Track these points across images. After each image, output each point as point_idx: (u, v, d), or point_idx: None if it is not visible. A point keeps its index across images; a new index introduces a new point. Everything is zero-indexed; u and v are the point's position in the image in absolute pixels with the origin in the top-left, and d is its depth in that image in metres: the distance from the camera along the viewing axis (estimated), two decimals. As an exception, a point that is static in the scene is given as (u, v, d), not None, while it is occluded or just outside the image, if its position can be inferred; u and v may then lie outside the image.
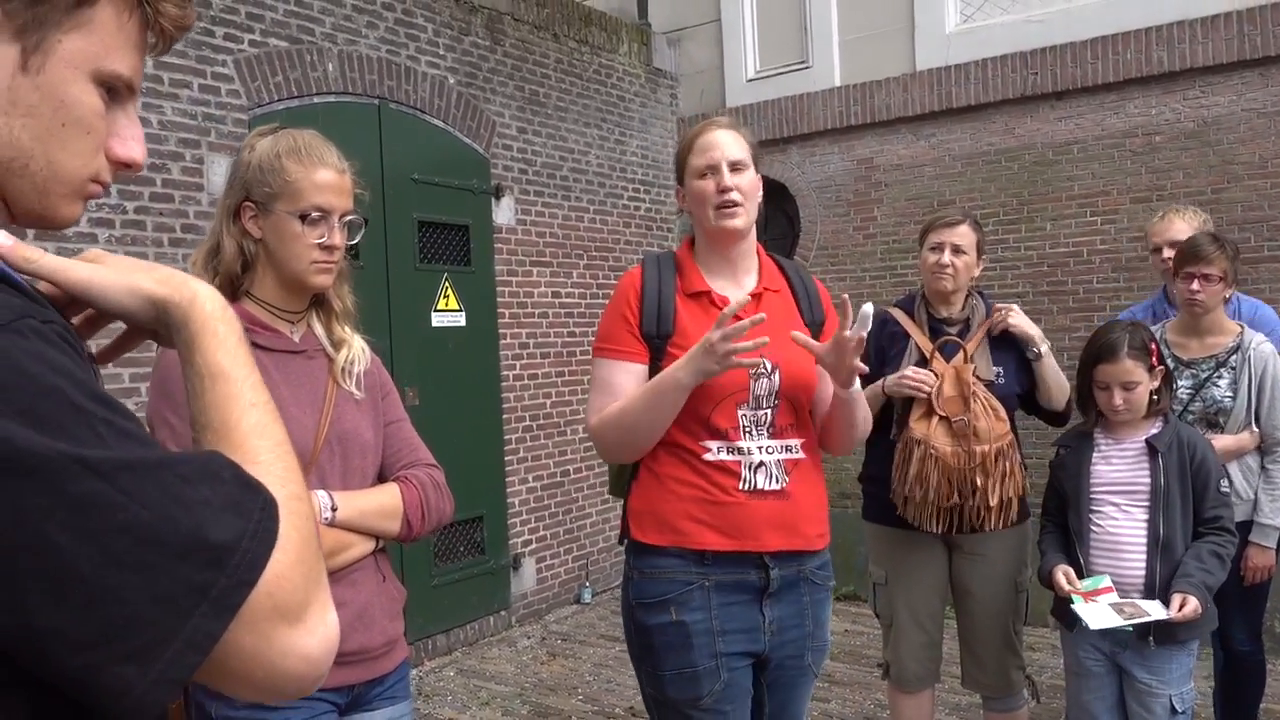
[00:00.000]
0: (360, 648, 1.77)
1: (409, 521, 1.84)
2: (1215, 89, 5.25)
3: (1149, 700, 2.70)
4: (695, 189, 2.21)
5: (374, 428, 1.88)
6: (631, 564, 2.22)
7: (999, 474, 2.93)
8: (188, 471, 0.70)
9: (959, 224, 3.12)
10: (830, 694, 4.66)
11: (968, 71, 5.97)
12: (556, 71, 6.27)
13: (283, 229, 1.74)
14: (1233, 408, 3.14)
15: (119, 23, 0.79)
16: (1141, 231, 5.39)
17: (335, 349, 1.85)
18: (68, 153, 0.79)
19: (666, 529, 2.14)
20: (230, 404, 0.82)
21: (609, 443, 2.19)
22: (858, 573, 5.99)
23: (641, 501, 2.19)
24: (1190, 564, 2.65)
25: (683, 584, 2.13)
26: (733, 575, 2.14)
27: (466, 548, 5.66)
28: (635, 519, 2.20)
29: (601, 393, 2.19)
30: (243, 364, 0.85)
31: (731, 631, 2.15)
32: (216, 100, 4.34)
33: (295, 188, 1.73)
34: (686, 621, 2.12)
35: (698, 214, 2.24)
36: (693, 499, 2.13)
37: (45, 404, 0.65)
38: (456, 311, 5.53)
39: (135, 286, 0.85)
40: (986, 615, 3.14)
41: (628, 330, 2.18)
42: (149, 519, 0.66)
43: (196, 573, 0.67)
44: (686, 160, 2.24)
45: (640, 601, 2.17)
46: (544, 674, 5.13)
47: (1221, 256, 3.08)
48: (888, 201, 6.38)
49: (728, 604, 2.15)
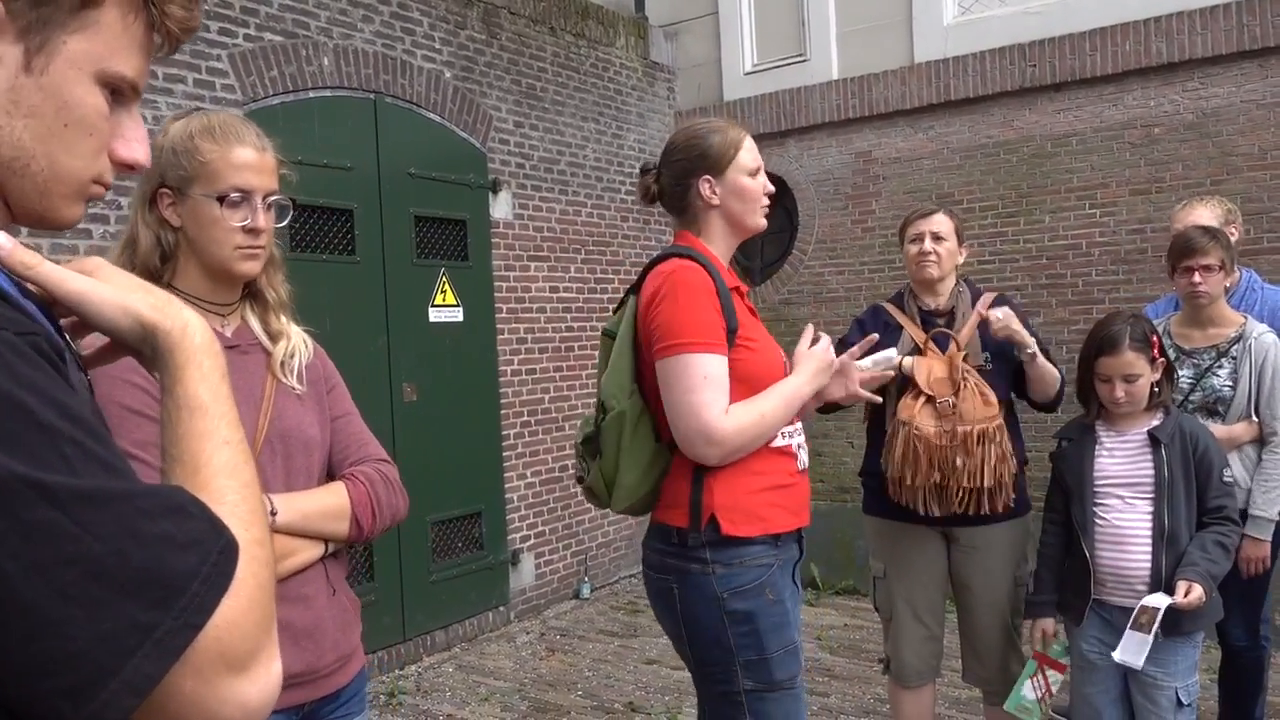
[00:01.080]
0: (308, 668, 1.67)
1: (358, 521, 1.72)
2: (1214, 80, 5.24)
3: (1154, 693, 2.69)
4: (746, 185, 2.28)
5: (319, 423, 1.77)
6: (710, 558, 2.15)
7: (981, 456, 2.92)
8: (149, 505, 0.68)
9: (934, 213, 3.20)
10: (830, 688, 4.65)
11: (966, 64, 5.95)
12: (553, 65, 6.25)
13: (201, 214, 1.61)
14: (1232, 397, 3.14)
15: (124, 24, 0.78)
16: (1141, 224, 5.39)
17: (272, 342, 1.74)
18: (70, 154, 0.78)
19: (755, 519, 2.16)
20: (204, 440, 0.81)
21: (739, 444, 2.12)
22: (857, 567, 5.98)
23: (727, 497, 2.15)
24: (1195, 553, 2.65)
25: (768, 567, 2.17)
26: (790, 553, 2.25)
27: (465, 543, 5.65)
28: (724, 514, 2.14)
29: (715, 389, 2.11)
30: (223, 400, 0.84)
31: (796, 609, 2.27)
32: (211, 95, 4.31)
33: (211, 168, 1.60)
34: (783, 599, 2.18)
35: (738, 209, 2.29)
36: (771, 486, 2.19)
37: (9, 422, 0.63)
38: (454, 307, 5.51)
39: (129, 307, 0.84)
40: (986, 609, 3.14)
41: (720, 323, 2.16)
42: (100, 553, 0.64)
43: (142, 612, 0.65)
44: (735, 157, 2.27)
45: (733, 590, 2.14)
46: (543, 669, 5.12)
47: (1215, 246, 3.09)
48: (886, 195, 6.36)
49: (790, 580, 2.25)
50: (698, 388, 2.09)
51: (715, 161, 2.26)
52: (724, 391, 2.11)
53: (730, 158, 2.27)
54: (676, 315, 2.13)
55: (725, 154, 2.27)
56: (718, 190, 2.27)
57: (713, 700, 2.24)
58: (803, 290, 6.64)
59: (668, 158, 2.33)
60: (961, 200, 5.90)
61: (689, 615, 2.19)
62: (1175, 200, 4.06)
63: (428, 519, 5.35)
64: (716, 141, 2.27)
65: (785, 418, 2.18)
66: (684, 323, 2.12)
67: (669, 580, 2.20)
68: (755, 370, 2.18)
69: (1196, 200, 3.64)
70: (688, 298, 2.14)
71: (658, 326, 2.14)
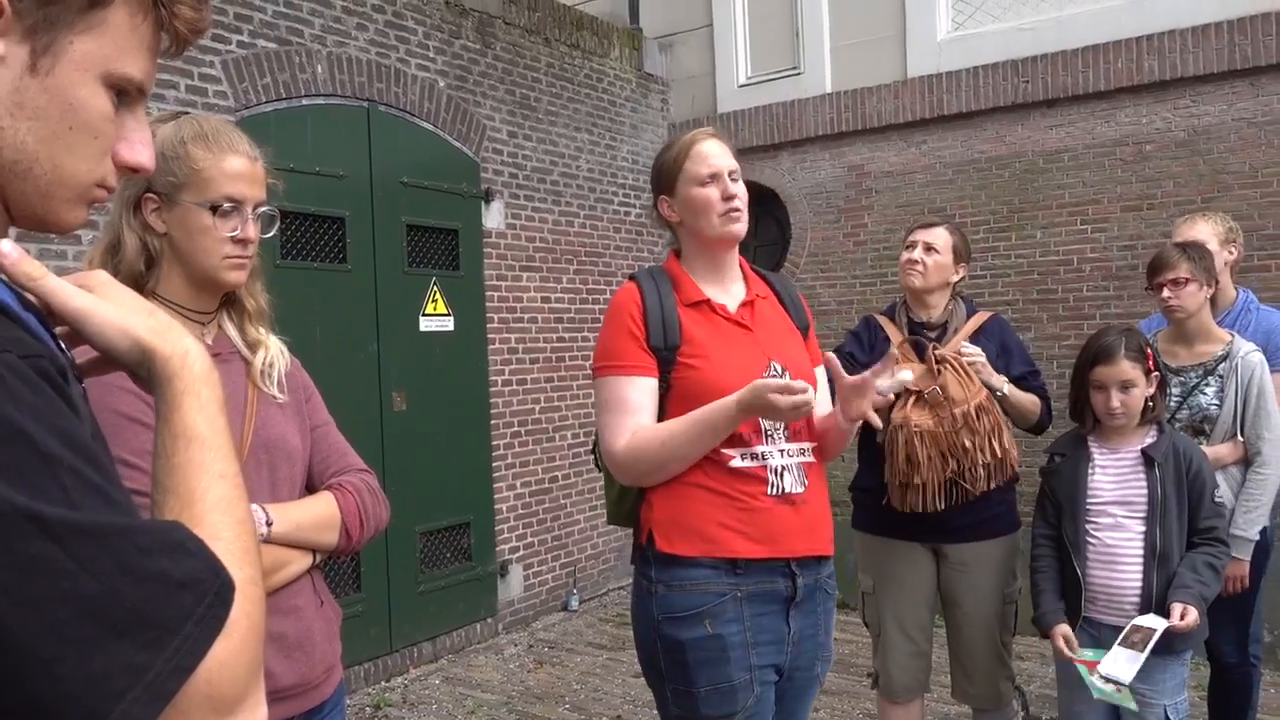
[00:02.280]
0: (301, 679, 1.67)
1: (348, 531, 1.71)
2: (1205, 98, 5.26)
3: (1144, 710, 2.67)
4: (697, 196, 2.18)
5: (300, 433, 1.76)
6: (653, 578, 2.12)
7: (984, 430, 2.91)
8: (147, 542, 0.66)
9: (935, 225, 3.22)
10: (819, 703, 4.63)
11: (959, 79, 5.97)
12: (547, 76, 6.25)
13: (191, 222, 1.58)
14: (1219, 415, 3.15)
15: (132, 24, 0.77)
16: (1132, 240, 5.41)
17: (251, 351, 1.72)
18: (74, 157, 0.76)
19: (696, 538, 2.08)
20: (200, 472, 0.79)
21: (640, 469, 2.11)
22: (846, 581, 5.97)
23: (666, 511, 2.11)
24: (1186, 575, 2.64)
25: (716, 595, 2.07)
26: (764, 584, 2.11)
27: (453, 554, 5.62)
28: (660, 530, 2.11)
29: (618, 412, 2.11)
30: (220, 432, 0.82)
31: (763, 644, 2.12)
32: (203, 102, 4.30)
33: (203, 177, 1.58)
34: (723, 634, 2.06)
35: (696, 222, 2.21)
36: (722, 505, 2.08)
37: (9, 449, 0.61)
38: (445, 316, 5.50)
39: (129, 329, 0.83)
40: (974, 627, 3.12)
41: (636, 345, 2.13)
42: (95, 591, 0.62)
43: (135, 653, 0.63)
44: (681, 169, 2.20)
45: (669, 616, 2.08)
46: (531, 682, 5.09)
47: (1183, 259, 3.12)
48: (878, 209, 6.37)
49: (759, 615, 2.11)
50: (602, 409, 2.17)
51: (667, 179, 2.23)
52: (628, 414, 2.10)
53: (676, 172, 2.22)
54: (600, 339, 2.23)
55: (673, 170, 2.22)
56: (675, 208, 2.24)
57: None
58: (795, 303, 6.63)
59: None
60: (954, 215, 5.90)
61: (635, 630, 2.22)
62: (1167, 217, 4.08)
63: (416, 529, 5.32)
64: (666, 159, 2.25)
65: (699, 441, 2.05)
66: (600, 347, 2.21)
67: (632, 592, 2.26)
68: (698, 388, 2.09)
69: (1199, 216, 3.64)
70: (608, 321, 2.20)
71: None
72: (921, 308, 3.20)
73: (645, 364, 2.13)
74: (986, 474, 2.93)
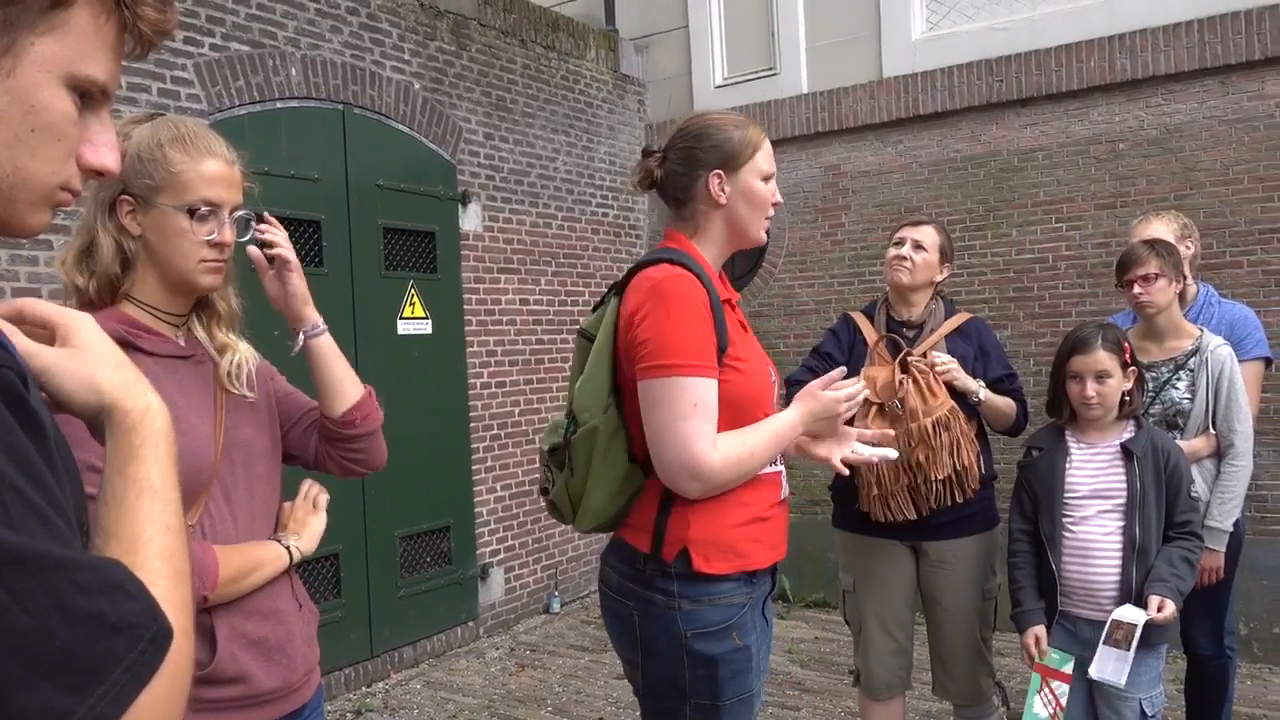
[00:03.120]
0: (284, 683, 1.67)
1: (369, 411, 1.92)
2: (1177, 96, 5.31)
3: (1119, 704, 2.70)
4: (758, 190, 2.11)
5: (270, 435, 1.77)
6: (675, 593, 1.98)
7: (942, 445, 2.91)
8: (87, 580, 0.64)
9: (924, 223, 3.22)
10: (801, 702, 4.64)
11: (934, 79, 6.00)
12: (524, 77, 6.23)
13: (167, 225, 1.57)
14: (1191, 409, 3.18)
15: (95, 25, 0.75)
16: (1106, 238, 5.45)
17: (219, 354, 1.71)
18: (37, 160, 0.75)
19: (732, 555, 1.99)
20: (148, 521, 0.79)
21: (726, 479, 1.96)
22: (827, 579, 5.99)
23: (702, 530, 1.98)
24: (1163, 568, 2.67)
25: (739, 607, 2.00)
26: (764, 588, 2.10)
27: (433, 558, 5.59)
28: (698, 549, 1.97)
29: (705, 418, 1.92)
30: (172, 486, 0.83)
31: (765, 648, 2.12)
32: (176, 105, 4.26)
33: (180, 180, 1.56)
34: (749, 645, 2.01)
35: (743, 212, 2.12)
36: (750, 519, 2.02)
37: None
38: (423, 319, 5.47)
39: (94, 383, 0.83)
40: (955, 624, 3.14)
41: (713, 345, 1.97)
42: (24, 626, 0.60)
43: (59, 697, 0.61)
44: (753, 157, 2.10)
45: (699, 631, 1.98)
46: (512, 685, 5.08)
47: (1153, 256, 3.16)
48: (855, 208, 6.39)
49: (763, 618, 2.09)
50: (687, 415, 1.90)
51: (732, 157, 2.09)
52: (714, 420, 1.94)
53: (748, 156, 2.09)
54: (667, 332, 1.93)
55: (744, 151, 2.09)
56: (727, 189, 2.09)
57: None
58: (773, 303, 6.66)
59: (678, 142, 2.13)
60: (931, 214, 5.93)
61: (649, 648, 2.03)
62: (1140, 214, 4.10)
63: (395, 533, 5.29)
64: (737, 137, 2.10)
65: (772, 455, 2.03)
66: (675, 341, 1.93)
67: (629, 605, 2.05)
68: (743, 393, 2.01)
69: (1153, 215, 3.71)
70: (679, 312, 1.94)
71: (645, 342, 1.94)
72: (904, 306, 3.21)
73: (716, 365, 1.99)
74: (944, 488, 2.95)
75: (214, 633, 1.56)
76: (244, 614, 1.61)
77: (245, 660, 1.59)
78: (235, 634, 1.59)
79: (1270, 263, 5.06)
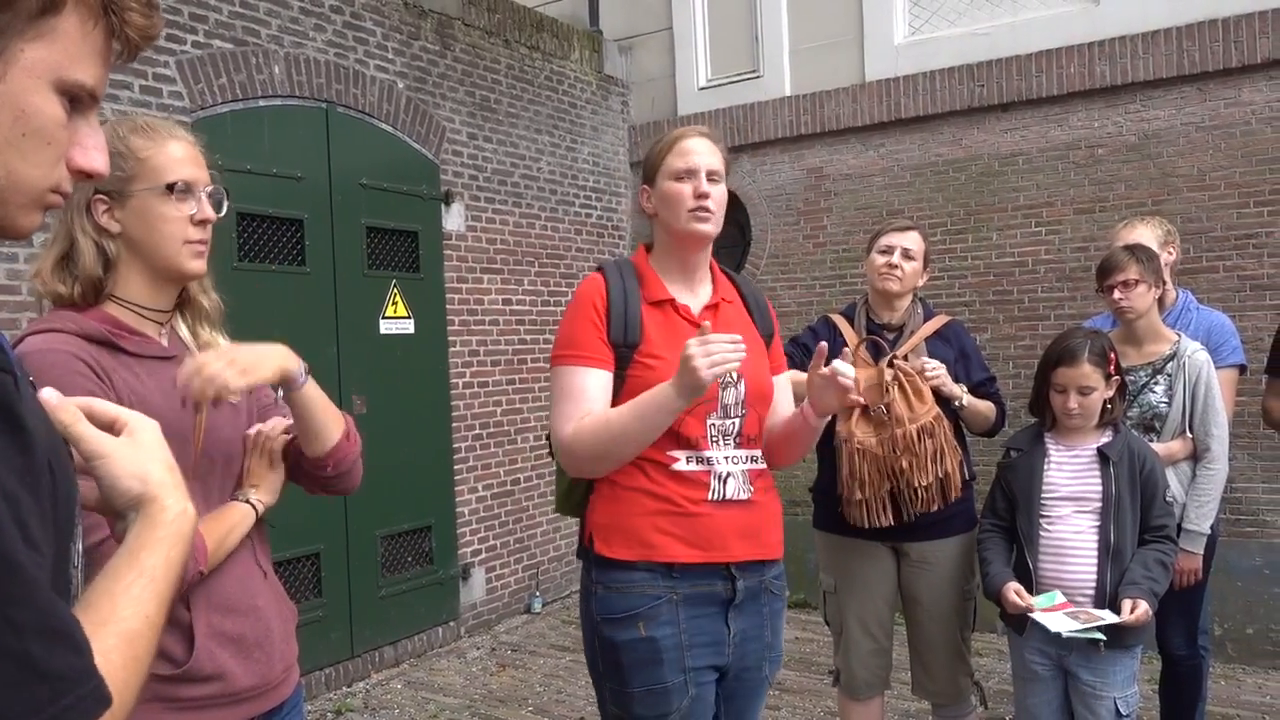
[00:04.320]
0: (262, 680, 1.66)
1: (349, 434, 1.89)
2: (1155, 103, 5.36)
3: (1094, 703, 2.73)
4: (670, 190, 2.16)
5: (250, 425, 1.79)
6: (594, 578, 2.14)
7: (925, 452, 2.93)
8: (24, 618, 0.62)
9: (910, 230, 3.21)
10: (780, 701, 4.66)
11: (916, 83, 6.04)
12: (507, 77, 6.23)
13: (148, 210, 1.58)
14: (1168, 413, 3.22)
15: (83, 31, 0.77)
16: (1085, 242, 5.50)
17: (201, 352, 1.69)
18: (28, 163, 0.76)
19: (634, 543, 2.08)
20: (132, 604, 0.81)
21: (583, 455, 2.09)
22: (808, 580, 6.01)
23: (605, 516, 2.12)
24: (1137, 570, 2.71)
25: (651, 599, 2.07)
26: (700, 587, 2.11)
27: (415, 558, 5.58)
28: (600, 534, 2.12)
29: (572, 400, 2.09)
30: (170, 584, 0.85)
31: (699, 645, 2.12)
32: (158, 102, 4.24)
33: (151, 164, 1.58)
34: (656, 637, 2.07)
35: (666, 216, 2.18)
36: (660, 511, 2.08)
37: None
38: (405, 319, 5.47)
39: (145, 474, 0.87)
40: (935, 624, 3.16)
41: (596, 337, 2.11)
42: None
43: None
44: (663, 161, 2.19)
45: (606, 617, 2.10)
46: (493, 685, 5.08)
47: (1133, 261, 3.19)
48: (837, 211, 6.42)
49: (695, 617, 2.11)
50: (558, 399, 2.13)
51: (651, 169, 2.22)
52: (580, 403, 2.08)
53: (658, 164, 2.20)
54: (561, 327, 2.20)
55: (655, 162, 2.20)
56: (652, 199, 2.22)
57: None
58: (755, 304, 6.67)
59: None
60: (912, 217, 5.96)
61: (582, 629, 2.24)
62: (1118, 219, 4.15)
63: (376, 533, 5.28)
64: (652, 151, 2.23)
65: (643, 425, 2.01)
66: (561, 335, 2.19)
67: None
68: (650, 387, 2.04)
69: (1137, 219, 3.76)
70: (570, 310, 2.19)
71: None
72: (887, 310, 3.22)
73: (603, 357, 2.11)
74: (926, 495, 2.97)
75: (191, 629, 1.56)
76: (221, 611, 1.61)
77: (223, 657, 1.59)
78: (213, 631, 1.58)
79: (1245, 268, 5.12)
